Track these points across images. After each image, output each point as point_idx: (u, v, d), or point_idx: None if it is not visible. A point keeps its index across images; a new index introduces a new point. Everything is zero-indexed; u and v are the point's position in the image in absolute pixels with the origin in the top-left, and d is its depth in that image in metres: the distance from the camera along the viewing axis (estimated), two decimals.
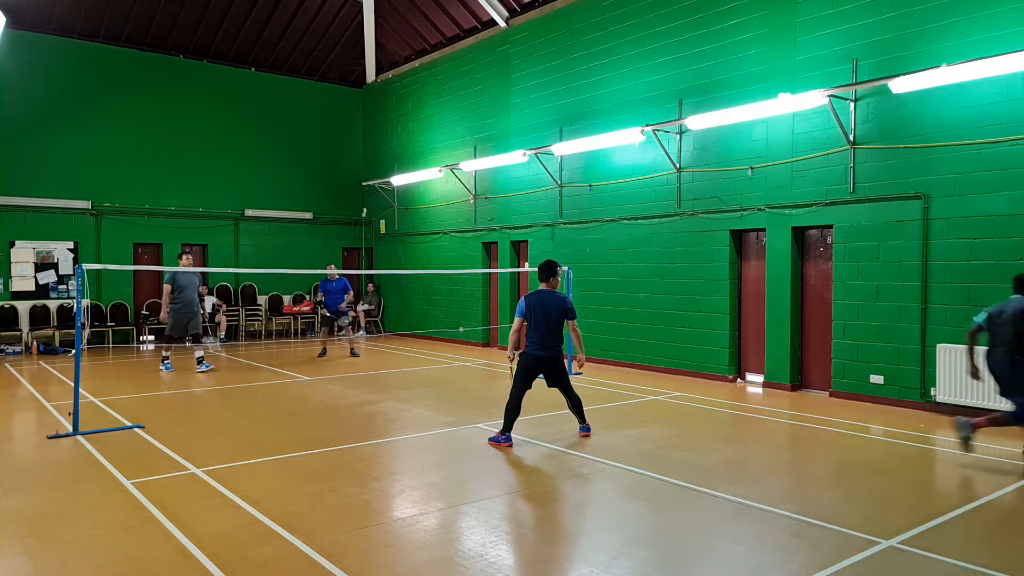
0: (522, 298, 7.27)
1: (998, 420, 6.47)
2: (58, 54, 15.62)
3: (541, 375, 7.28)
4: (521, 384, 7.19)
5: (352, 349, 14.47)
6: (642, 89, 12.06)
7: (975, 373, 6.65)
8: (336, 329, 14.55)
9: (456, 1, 15.99)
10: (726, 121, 10.28)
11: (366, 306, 18.91)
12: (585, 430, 7.44)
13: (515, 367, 7.34)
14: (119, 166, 16.27)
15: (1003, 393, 6.47)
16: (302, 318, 18.15)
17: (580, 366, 7.65)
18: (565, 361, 7.53)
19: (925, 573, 4.18)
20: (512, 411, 7.12)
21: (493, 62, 15.43)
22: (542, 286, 7.28)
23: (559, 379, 7.28)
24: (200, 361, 12.03)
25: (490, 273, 15.63)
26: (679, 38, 11.49)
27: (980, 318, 6.59)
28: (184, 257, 11.90)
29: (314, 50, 18.79)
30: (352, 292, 14.58)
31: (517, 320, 7.23)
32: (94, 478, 5.98)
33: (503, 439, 7.05)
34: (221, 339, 14.86)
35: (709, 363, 11.17)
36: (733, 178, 10.79)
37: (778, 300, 10.34)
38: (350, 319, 14.69)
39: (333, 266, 15.04)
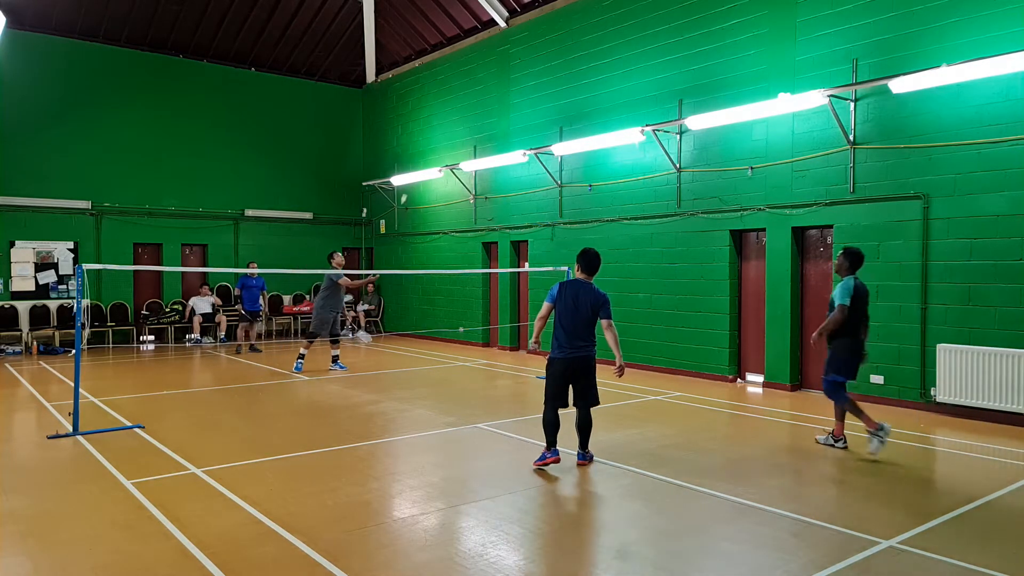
0: (555, 284, 6.45)
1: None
2: (58, 54, 15.62)
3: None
4: (553, 397, 6.31)
5: (252, 345, 14.84)
6: (642, 89, 12.06)
7: None
8: (250, 326, 14.85)
9: (456, 1, 15.99)
10: (726, 121, 10.28)
11: (366, 306, 18.92)
12: (581, 458, 6.45)
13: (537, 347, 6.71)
14: (119, 166, 16.27)
15: None
16: (302, 318, 18.15)
17: (620, 373, 6.41)
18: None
19: (925, 573, 4.18)
20: (550, 426, 6.30)
21: (493, 62, 15.43)
22: (580, 276, 6.47)
23: (586, 384, 6.32)
24: (335, 360, 12.16)
25: (490, 273, 15.63)
26: (679, 38, 11.49)
27: None
28: (336, 256, 12.19)
29: (314, 50, 18.79)
30: (266, 293, 15.23)
31: (546, 305, 6.39)
32: (94, 478, 5.98)
33: (549, 455, 6.27)
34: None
35: (709, 363, 11.17)
36: (733, 178, 10.79)
37: (778, 300, 10.34)
38: (260, 323, 15.01)
39: (255, 264, 15.11)
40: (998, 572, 4.14)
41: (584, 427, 6.43)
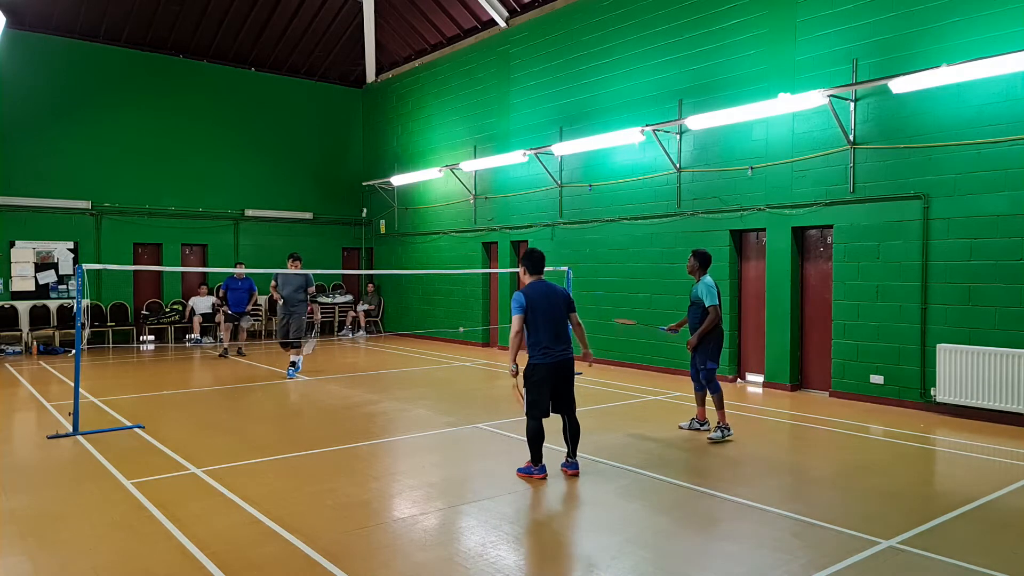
0: (518, 292, 6.03)
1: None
2: (58, 54, 15.62)
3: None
4: (536, 406, 5.98)
5: (239, 349, 14.47)
6: (642, 89, 12.06)
7: None
8: (236, 329, 14.59)
9: (456, 1, 15.99)
10: (726, 121, 10.27)
11: (366, 306, 18.92)
12: (572, 467, 6.12)
13: (521, 383, 6.09)
14: (119, 166, 16.28)
15: None
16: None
17: (589, 364, 6.63)
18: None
19: (925, 573, 4.18)
20: (538, 439, 5.99)
21: (493, 62, 15.43)
22: (533, 279, 6.18)
23: (569, 389, 6.14)
24: (292, 364, 11.49)
25: (490, 273, 15.63)
26: (679, 38, 11.49)
27: None
28: (289, 261, 11.67)
29: (314, 50, 18.79)
30: (256, 294, 14.62)
31: (517, 319, 5.93)
32: (94, 478, 5.98)
33: (535, 470, 6.00)
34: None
35: None
36: (733, 178, 10.79)
37: (778, 300, 10.34)
38: (250, 323, 14.73)
39: (242, 264, 15.02)
40: (998, 572, 4.13)
41: (575, 434, 6.15)
